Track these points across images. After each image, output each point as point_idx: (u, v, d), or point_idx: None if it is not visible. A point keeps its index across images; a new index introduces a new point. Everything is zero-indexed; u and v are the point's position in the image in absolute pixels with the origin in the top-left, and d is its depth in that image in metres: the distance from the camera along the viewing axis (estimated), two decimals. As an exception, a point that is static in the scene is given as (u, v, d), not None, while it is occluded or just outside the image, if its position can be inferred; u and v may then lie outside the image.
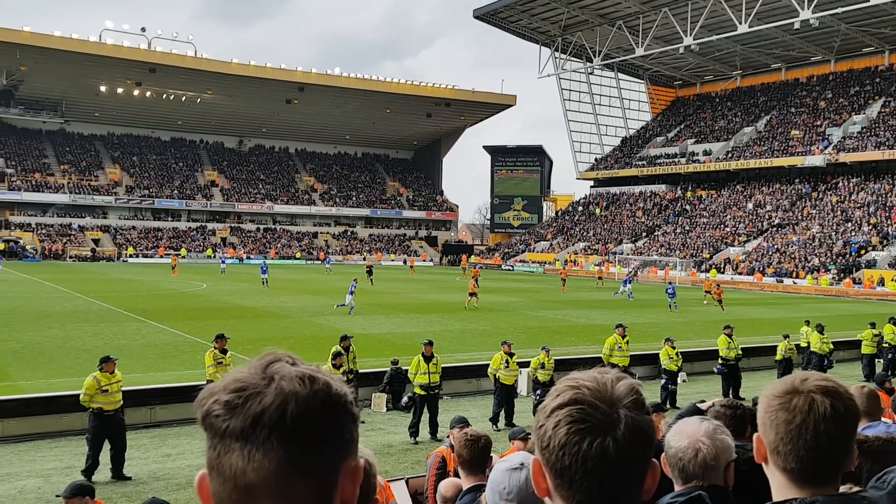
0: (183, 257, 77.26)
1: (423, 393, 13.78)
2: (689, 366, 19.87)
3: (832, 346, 20.70)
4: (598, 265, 66.08)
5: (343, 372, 14.48)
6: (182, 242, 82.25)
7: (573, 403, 1.17)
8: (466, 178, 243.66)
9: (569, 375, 1.25)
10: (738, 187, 77.69)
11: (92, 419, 11.15)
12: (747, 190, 76.41)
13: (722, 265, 63.14)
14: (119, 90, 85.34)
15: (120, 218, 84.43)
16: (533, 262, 79.56)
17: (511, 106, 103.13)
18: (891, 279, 50.86)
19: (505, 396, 14.80)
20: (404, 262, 79.03)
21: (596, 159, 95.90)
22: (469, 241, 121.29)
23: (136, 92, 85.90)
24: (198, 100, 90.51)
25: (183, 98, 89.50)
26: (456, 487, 4.45)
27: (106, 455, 11.11)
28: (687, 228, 73.94)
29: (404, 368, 15.61)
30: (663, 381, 16.96)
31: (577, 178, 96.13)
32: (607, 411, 1.16)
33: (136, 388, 14.18)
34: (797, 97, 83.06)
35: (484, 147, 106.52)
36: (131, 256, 75.93)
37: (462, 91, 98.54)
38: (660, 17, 72.64)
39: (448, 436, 7.98)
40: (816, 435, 1.51)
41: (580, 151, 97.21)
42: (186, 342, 22.20)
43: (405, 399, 15.72)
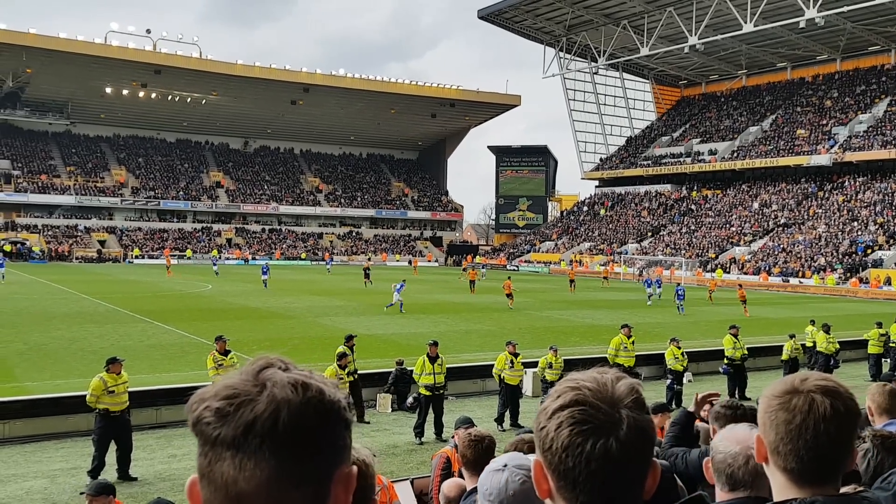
0: (188, 258, 77.54)
1: (428, 393, 13.80)
2: (695, 366, 19.84)
3: (838, 346, 20.60)
4: (604, 265, 65.98)
5: (348, 373, 14.48)
6: (188, 243, 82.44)
7: (575, 405, 1.16)
8: (471, 179, 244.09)
9: (568, 376, 1.24)
10: (744, 187, 77.46)
11: (98, 420, 11.19)
12: (753, 189, 76.18)
13: (728, 265, 62.96)
14: (124, 92, 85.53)
15: (126, 219, 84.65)
16: (538, 263, 79.48)
17: (516, 106, 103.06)
18: (897, 278, 50.69)
19: (510, 397, 14.82)
20: (409, 263, 78.99)
21: (601, 159, 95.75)
22: (474, 242, 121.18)
23: (142, 93, 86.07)
24: (203, 101, 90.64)
25: (188, 99, 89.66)
26: (459, 488, 4.44)
27: (112, 456, 11.14)
28: (692, 228, 73.76)
29: (409, 369, 15.61)
30: (669, 381, 16.96)
31: (582, 178, 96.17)
32: (609, 412, 1.15)
33: (142, 389, 14.22)
34: (803, 96, 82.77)
35: (489, 147, 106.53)
36: (137, 258, 76.03)
37: (467, 91, 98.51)
38: (665, 17, 72.53)
39: (453, 436, 7.97)
40: (816, 435, 1.50)
41: (585, 151, 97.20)
42: (192, 343, 22.23)
43: (410, 399, 15.73)
